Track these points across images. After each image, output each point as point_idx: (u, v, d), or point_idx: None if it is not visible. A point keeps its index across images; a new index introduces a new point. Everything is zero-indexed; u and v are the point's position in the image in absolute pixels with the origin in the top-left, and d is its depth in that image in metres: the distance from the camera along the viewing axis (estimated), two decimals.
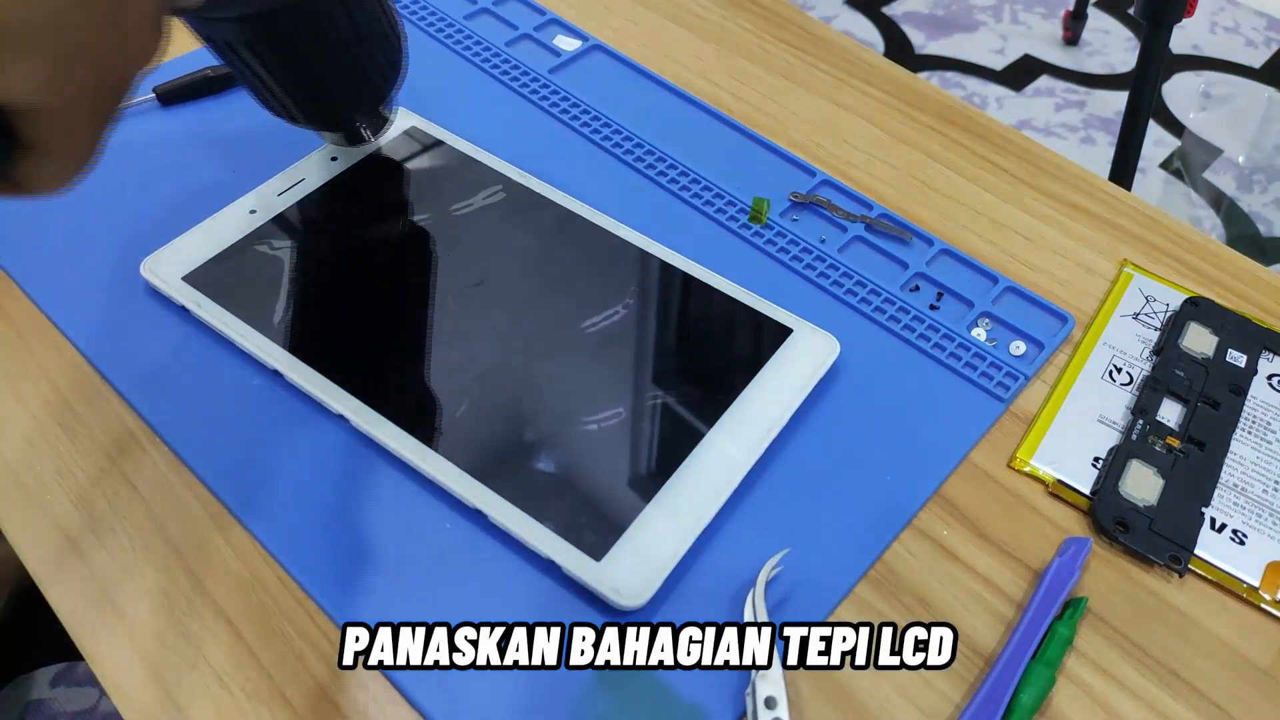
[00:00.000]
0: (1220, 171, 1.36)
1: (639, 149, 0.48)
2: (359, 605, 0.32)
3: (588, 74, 0.52)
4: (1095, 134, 1.41)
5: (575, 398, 0.36)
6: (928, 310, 0.41)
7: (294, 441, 0.36)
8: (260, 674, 0.31)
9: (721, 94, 0.51)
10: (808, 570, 0.33)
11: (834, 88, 0.52)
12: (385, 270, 0.41)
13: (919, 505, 0.35)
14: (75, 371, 0.38)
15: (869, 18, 1.61)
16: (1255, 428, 0.38)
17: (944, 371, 0.39)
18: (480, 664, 0.29)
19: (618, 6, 0.56)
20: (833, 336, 0.39)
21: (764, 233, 0.44)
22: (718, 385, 0.37)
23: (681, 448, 0.35)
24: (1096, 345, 0.40)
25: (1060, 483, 0.36)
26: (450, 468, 0.34)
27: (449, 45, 0.53)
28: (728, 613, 0.32)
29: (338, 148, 0.45)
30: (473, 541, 0.33)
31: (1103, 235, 0.45)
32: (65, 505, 0.34)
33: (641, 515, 0.33)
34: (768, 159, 0.48)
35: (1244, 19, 1.63)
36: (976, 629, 0.32)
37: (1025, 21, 1.62)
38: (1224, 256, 0.44)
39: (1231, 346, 0.40)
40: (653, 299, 0.40)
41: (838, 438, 0.37)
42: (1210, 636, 0.32)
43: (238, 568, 0.33)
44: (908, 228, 0.44)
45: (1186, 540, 0.34)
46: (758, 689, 0.29)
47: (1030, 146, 0.49)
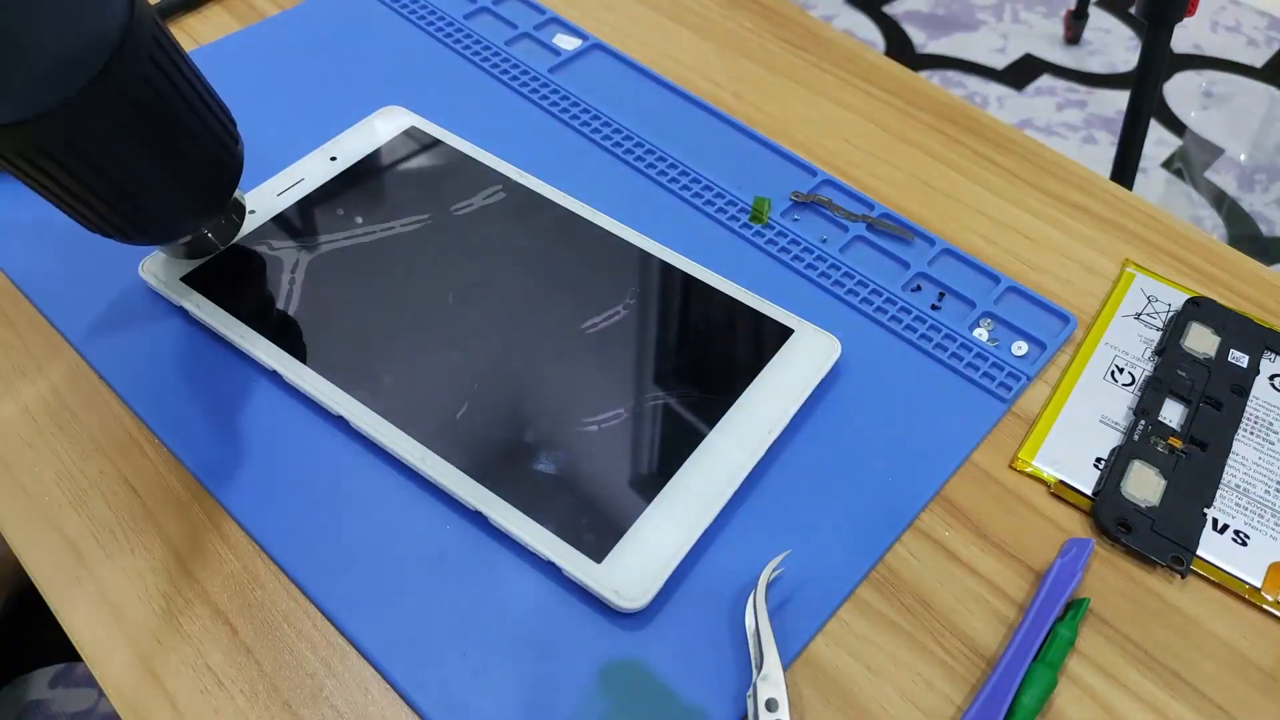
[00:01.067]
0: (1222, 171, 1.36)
1: (639, 148, 0.47)
2: (358, 606, 0.32)
3: (588, 73, 0.52)
4: (1097, 133, 1.41)
5: (575, 398, 0.36)
6: (929, 310, 0.41)
7: (293, 442, 0.36)
8: (259, 674, 0.31)
9: (722, 93, 0.51)
10: (809, 571, 0.33)
11: (835, 87, 0.52)
12: (385, 270, 0.41)
13: (920, 506, 0.35)
14: (73, 372, 0.38)
15: (870, 17, 1.61)
16: (1257, 428, 0.38)
17: (945, 372, 0.39)
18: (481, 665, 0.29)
19: (618, 5, 0.56)
20: (834, 337, 0.38)
21: (765, 232, 0.44)
22: (719, 386, 0.37)
23: (682, 449, 0.35)
24: (1098, 345, 0.40)
25: (1062, 483, 0.36)
26: (450, 469, 0.34)
27: (449, 45, 0.53)
28: (729, 614, 0.32)
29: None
30: (473, 543, 0.33)
31: (1104, 235, 0.45)
32: (63, 506, 0.34)
33: (642, 516, 0.33)
34: (768, 158, 0.48)
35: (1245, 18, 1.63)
36: (978, 630, 0.32)
37: (1026, 21, 1.62)
38: (1226, 256, 0.44)
39: (1233, 347, 0.40)
40: (653, 299, 0.40)
41: (839, 438, 0.37)
42: (1212, 638, 0.32)
43: (236, 568, 0.33)
44: (909, 227, 0.44)
45: (1188, 541, 0.34)
46: (759, 691, 0.29)
47: (1032, 146, 0.49)
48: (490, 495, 0.33)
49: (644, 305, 0.40)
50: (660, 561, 0.32)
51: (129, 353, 0.38)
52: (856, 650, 0.32)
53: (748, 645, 0.31)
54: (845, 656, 0.31)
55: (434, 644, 0.31)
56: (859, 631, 0.32)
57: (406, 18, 0.54)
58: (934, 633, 0.32)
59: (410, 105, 0.48)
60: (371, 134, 0.46)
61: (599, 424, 0.36)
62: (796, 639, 0.31)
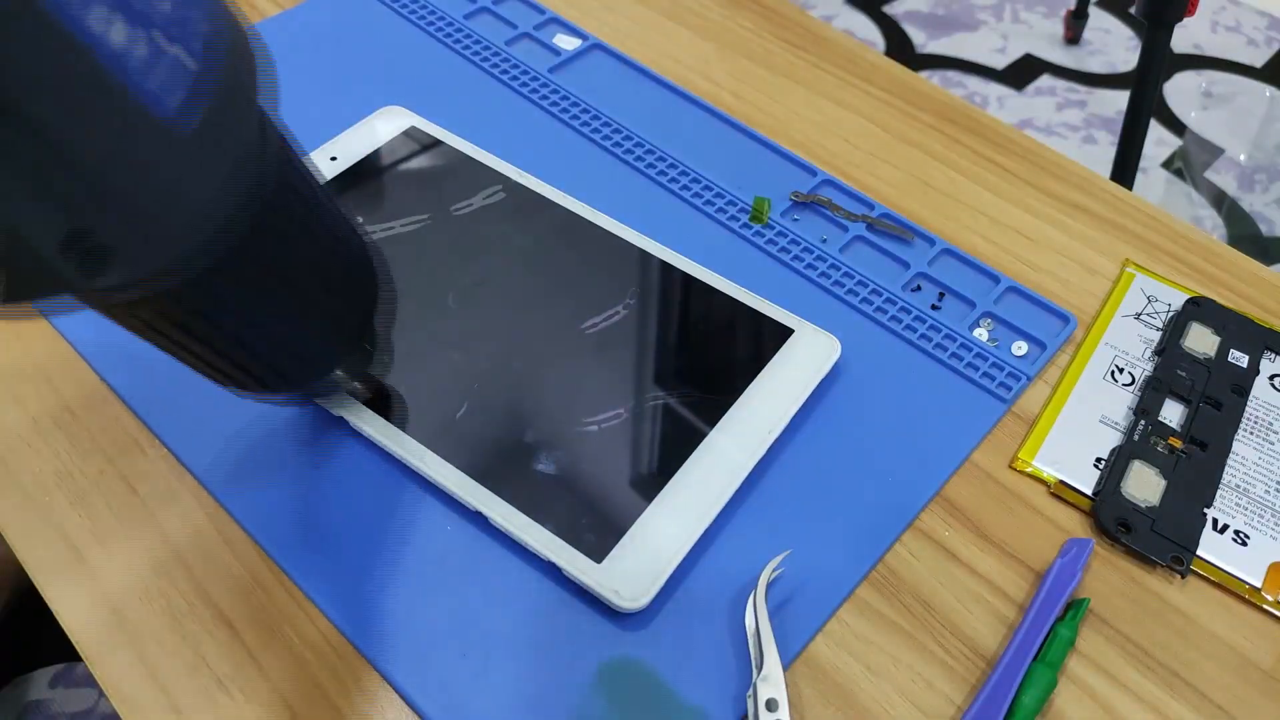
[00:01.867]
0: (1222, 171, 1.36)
1: (639, 148, 0.47)
2: (358, 606, 0.32)
3: (588, 73, 0.52)
4: (1097, 133, 1.41)
5: (576, 399, 0.36)
6: (929, 310, 0.41)
7: (293, 444, 0.36)
8: (260, 676, 0.31)
9: (722, 93, 0.51)
10: (809, 571, 0.33)
11: (835, 87, 0.52)
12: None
13: (920, 506, 0.35)
14: (74, 373, 0.38)
15: (870, 16, 1.61)
16: (1257, 428, 0.38)
17: (946, 372, 0.39)
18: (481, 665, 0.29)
19: (618, 5, 0.56)
20: (834, 337, 0.38)
21: (765, 232, 0.44)
22: (719, 386, 0.37)
23: (682, 449, 0.35)
24: (1098, 345, 0.40)
25: (1062, 483, 0.36)
26: (450, 469, 0.34)
27: (449, 44, 0.53)
28: (729, 614, 0.32)
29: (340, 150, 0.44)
30: (473, 543, 0.33)
31: (1104, 235, 0.45)
32: (64, 507, 0.34)
33: (642, 517, 0.33)
34: (768, 158, 0.48)
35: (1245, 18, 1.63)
36: (978, 630, 0.32)
37: (1026, 20, 1.62)
38: (1226, 256, 0.44)
39: (1233, 347, 0.40)
40: (653, 299, 0.40)
41: (839, 438, 0.37)
42: (1212, 638, 0.32)
43: (237, 570, 0.33)
44: (909, 227, 0.44)
45: (1188, 541, 0.34)
46: (759, 691, 0.29)
47: (1032, 146, 0.49)
48: (490, 495, 0.33)
49: (644, 305, 0.40)
50: (660, 561, 0.32)
51: (129, 353, 0.38)
52: (856, 650, 0.32)
53: (748, 645, 0.31)
54: (845, 656, 0.31)
55: (434, 644, 0.31)
56: (859, 631, 0.32)
57: (406, 18, 0.54)
58: (934, 633, 0.32)
59: (410, 105, 0.48)
60: (371, 134, 0.46)
61: (599, 424, 0.36)
62: (796, 639, 0.31)
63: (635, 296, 0.40)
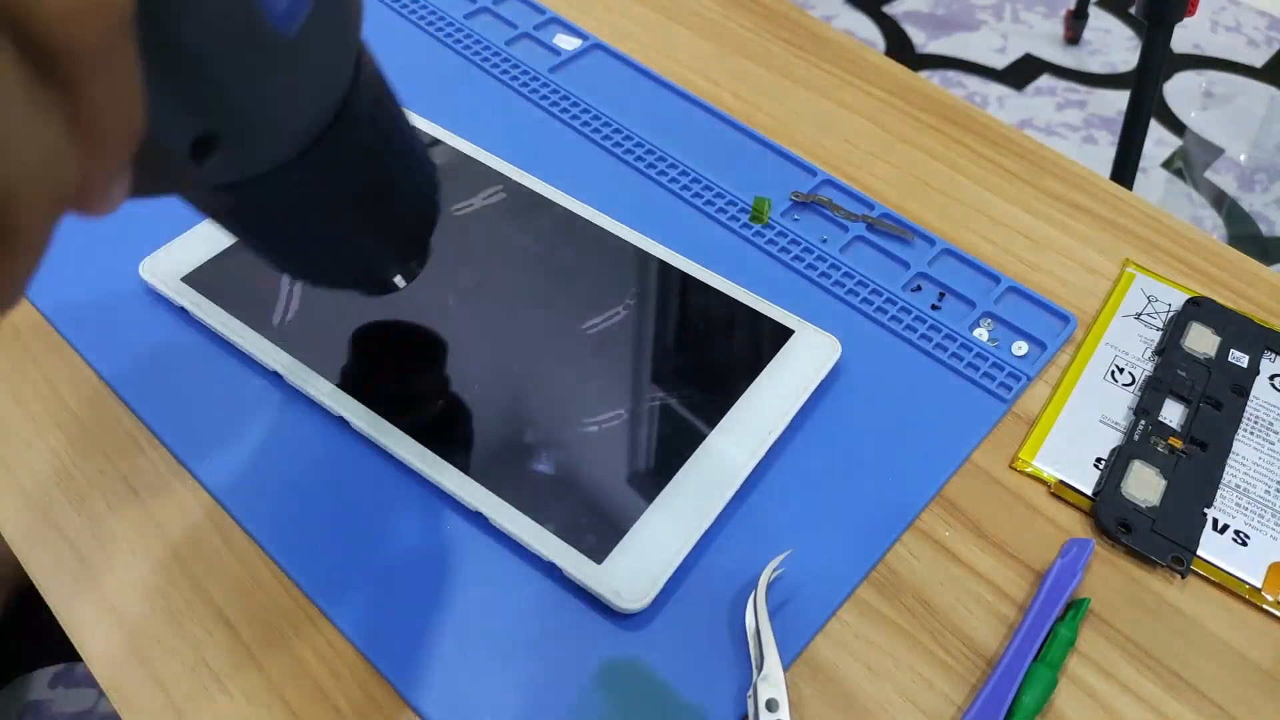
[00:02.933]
0: (1222, 171, 1.36)
1: (639, 148, 0.47)
2: (358, 607, 0.32)
3: (588, 73, 0.52)
4: (1097, 133, 1.41)
5: (576, 399, 0.36)
6: (929, 310, 0.41)
7: (293, 443, 0.36)
8: (259, 676, 0.31)
9: (722, 93, 0.51)
10: (809, 572, 0.33)
11: (835, 87, 0.52)
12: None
13: (921, 506, 0.35)
14: (74, 373, 0.38)
15: (870, 16, 1.61)
16: (1257, 428, 0.38)
17: (946, 372, 0.39)
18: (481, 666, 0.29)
19: (618, 5, 0.56)
20: (834, 337, 0.38)
21: (765, 232, 0.44)
22: (719, 386, 0.37)
23: (682, 449, 0.35)
24: (1099, 345, 0.40)
25: (1062, 483, 0.36)
26: (450, 470, 0.34)
27: (449, 44, 0.53)
28: (729, 615, 0.32)
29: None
30: (473, 544, 0.33)
31: (1104, 235, 0.45)
32: (64, 507, 0.34)
33: (643, 517, 0.33)
34: (768, 158, 0.48)
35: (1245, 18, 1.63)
36: (978, 630, 0.32)
37: (1026, 20, 1.62)
38: (1226, 256, 0.44)
39: (1233, 347, 0.40)
40: (653, 299, 0.40)
41: (839, 439, 0.37)
42: (1212, 638, 0.32)
43: (237, 570, 0.33)
44: (909, 227, 0.44)
45: (1189, 541, 0.34)
46: (759, 691, 0.29)
47: (1032, 146, 0.49)
48: (490, 496, 0.33)
49: (644, 305, 0.40)
50: (661, 562, 0.32)
51: (129, 353, 0.38)
52: (856, 650, 0.32)
53: (748, 645, 0.31)
54: (845, 656, 0.31)
55: (434, 644, 0.31)
56: (859, 631, 0.32)
57: (406, 18, 0.54)
58: (934, 633, 0.32)
59: (410, 105, 0.48)
60: None
61: (599, 424, 0.36)
62: (796, 639, 0.31)
63: (635, 297, 0.40)
